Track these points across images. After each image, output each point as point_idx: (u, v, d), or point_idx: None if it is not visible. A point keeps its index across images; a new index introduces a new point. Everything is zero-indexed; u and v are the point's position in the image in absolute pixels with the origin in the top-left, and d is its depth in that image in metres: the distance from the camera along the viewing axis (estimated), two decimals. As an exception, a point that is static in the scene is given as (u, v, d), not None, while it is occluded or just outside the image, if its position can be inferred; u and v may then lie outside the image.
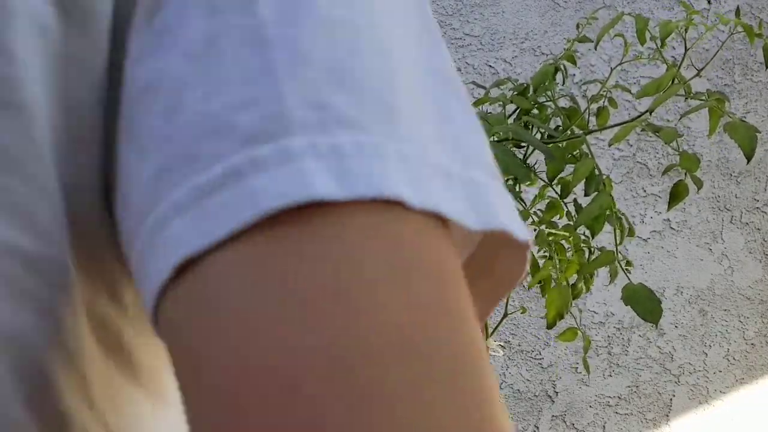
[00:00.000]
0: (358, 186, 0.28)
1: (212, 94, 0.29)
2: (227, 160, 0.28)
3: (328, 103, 0.29)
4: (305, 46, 0.29)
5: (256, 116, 0.29)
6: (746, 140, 0.92)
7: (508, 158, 1.01)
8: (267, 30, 0.30)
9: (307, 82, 0.29)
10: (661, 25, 1.03)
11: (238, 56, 0.29)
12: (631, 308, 0.95)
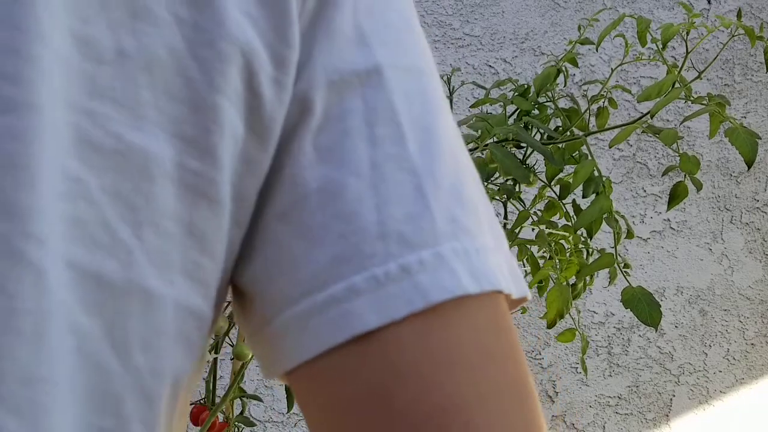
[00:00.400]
0: (485, 283, 0.39)
1: (382, 207, 0.39)
2: (399, 259, 0.39)
3: (455, 217, 0.40)
4: (439, 175, 0.40)
5: (418, 228, 0.39)
6: (747, 146, 0.92)
7: (508, 159, 1.00)
8: (415, 161, 0.40)
9: (443, 202, 0.40)
10: (663, 28, 1.03)
11: (398, 180, 0.40)
12: (631, 311, 0.95)
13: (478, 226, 0.41)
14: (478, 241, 0.40)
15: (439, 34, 2.26)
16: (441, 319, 0.38)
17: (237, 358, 1.00)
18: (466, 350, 0.39)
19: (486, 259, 0.40)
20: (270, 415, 2.27)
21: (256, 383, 2.26)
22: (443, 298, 0.38)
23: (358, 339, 0.38)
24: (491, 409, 0.38)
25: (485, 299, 0.40)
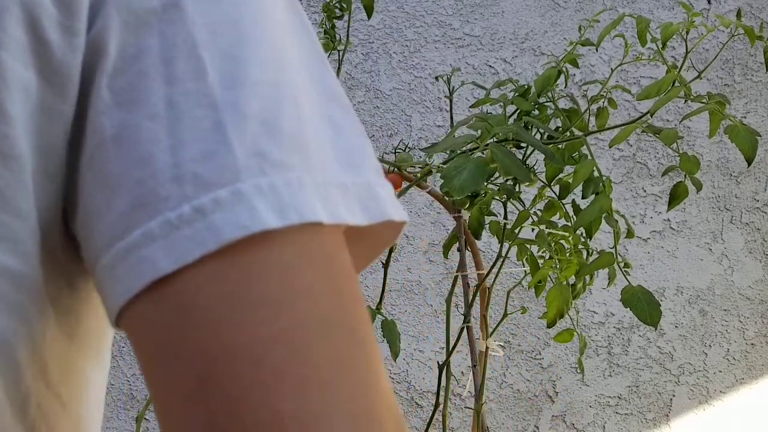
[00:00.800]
0: (292, 216, 0.38)
1: (177, 148, 0.38)
2: (193, 200, 0.38)
3: (263, 151, 0.39)
4: (244, 106, 0.39)
5: (214, 166, 0.38)
6: (747, 144, 0.92)
7: (509, 158, 1.01)
8: (215, 94, 0.39)
9: (247, 135, 0.38)
10: (662, 27, 1.03)
11: (195, 117, 0.38)
12: (631, 311, 0.95)
13: (299, 158, 0.39)
14: (293, 175, 0.39)
15: (439, 34, 2.26)
16: (239, 258, 0.37)
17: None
18: (266, 288, 0.37)
19: (300, 191, 0.38)
20: (270, 415, 2.27)
21: (256, 383, 2.26)
22: (238, 236, 0.37)
23: (155, 285, 0.37)
24: (292, 346, 0.36)
25: (295, 233, 0.38)
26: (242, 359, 0.36)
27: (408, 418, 2.30)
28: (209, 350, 0.36)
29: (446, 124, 2.24)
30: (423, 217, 2.27)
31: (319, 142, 0.41)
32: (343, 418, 0.37)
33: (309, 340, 0.37)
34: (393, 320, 1.21)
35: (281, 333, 0.37)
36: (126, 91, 0.39)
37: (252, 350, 0.36)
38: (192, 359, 0.37)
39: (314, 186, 0.39)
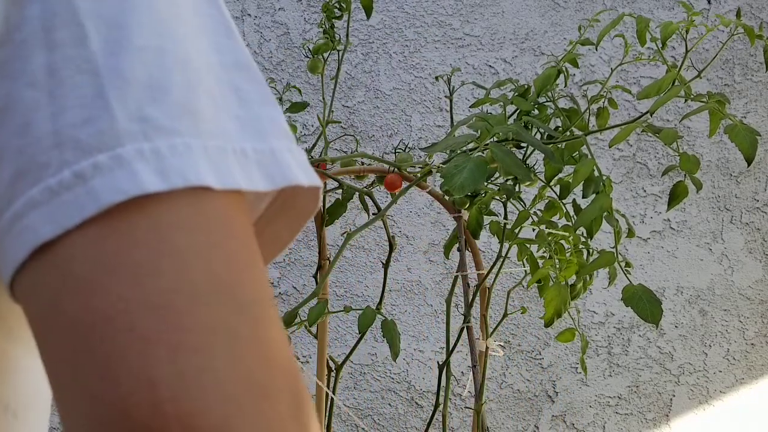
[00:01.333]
0: (175, 179, 0.38)
1: (57, 115, 0.38)
2: (74, 166, 0.37)
3: (147, 116, 0.38)
4: (127, 72, 0.39)
5: (95, 131, 0.38)
6: (747, 143, 0.92)
7: (509, 158, 1.00)
8: (97, 60, 0.39)
9: (130, 100, 0.38)
10: (662, 26, 1.02)
11: (76, 83, 0.38)
12: (632, 309, 0.95)
13: (187, 124, 0.39)
14: (179, 140, 0.38)
15: (439, 34, 2.26)
16: (118, 222, 0.37)
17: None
18: (144, 253, 0.37)
19: (186, 156, 0.38)
20: (270, 415, 2.27)
21: (256, 383, 2.26)
22: (117, 200, 0.37)
23: (38, 254, 0.37)
24: (168, 312, 0.36)
25: (179, 198, 0.38)
26: (115, 326, 0.36)
27: (408, 418, 2.30)
28: (83, 318, 0.36)
29: (446, 124, 2.24)
30: (423, 217, 2.27)
31: (216, 110, 0.41)
32: (221, 384, 0.36)
33: (186, 306, 0.36)
34: (393, 320, 1.21)
35: (156, 298, 0.36)
36: (9, 62, 0.39)
37: (125, 316, 0.36)
38: (67, 328, 0.37)
39: (203, 151, 0.39)
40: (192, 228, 0.38)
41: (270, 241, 0.50)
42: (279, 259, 2.25)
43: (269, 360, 0.38)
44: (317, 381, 1.32)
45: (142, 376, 0.35)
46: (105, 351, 0.36)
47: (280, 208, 0.48)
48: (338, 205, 1.32)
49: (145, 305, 0.36)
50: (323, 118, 1.31)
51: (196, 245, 0.38)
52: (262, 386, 0.37)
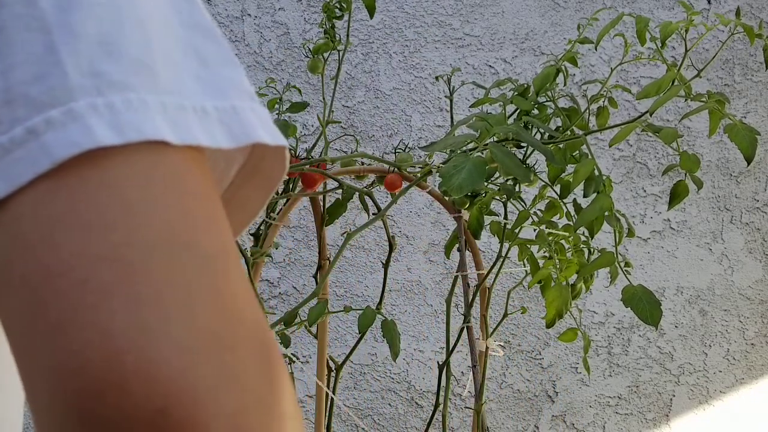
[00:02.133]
0: (130, 133, 0.37)
1: (7, 72, 0.38)
2: (25, 122, 0.37)
3: (101, 71, 0.38)
4: (78, 28, 0.38)
5: (46, 87, 0.37)
6: (746, 143, 0.92)
7: (508, 159, 1.00)
8: (47, 17, 0.38)
9: (82, 56, 0.38)
10: (662, 26, 1.03)
11: (26, 41, 0.38)
12: (631, 310, 0.95)
13: (143, 80, 0.39)
14: (134, 95, 0.38)
15: (439, 34, 2.26)
16: (72, 177, 0.37)
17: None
18: (97, 207, 0.37)
19: (141, 111, 0.38)
20: (270, 415, 2.27)
21: (256, 383, 2.26)
22: (71, 154, 0.37)
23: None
24: (121, 265, 0.36)
25: (134, 152, 0.38)
26: (67, 280, 0.36)
27: (408, 418, 2.30)
28: (35, 275, 0.36)
29: (446, 124, 2.24)
30: (423, 217, 2.27)
31: (174, 68, 0.41)
32: (179, 335, 0.35)
33: (140, 259, 0.36)
34: (393, 320, 1.21)
35: (110, 252, 0.36)
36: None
37: (78, 270, 0.36)
38: (19, 287, 0.36)
39: (160, 107, 0.39)
40: (147, 182, 0.38)
41: (239, 208, 0.50)
42: (279, 259, 2.25)
43: (230, 312, 0.37)
44: (317, 381, 1.32)
45: (97, 329, 0.35)
46: (58, 306, 0.35)
47: (249, 173, 0.48)
48: (338, 205, 1.32)
49: (97, 259, 0.36)
50: (323, 118, 1.31)
51: (151, 199, 0.37)
52: (223, 338, 0.36)
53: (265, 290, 2.24)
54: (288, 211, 1.29)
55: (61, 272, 0.36)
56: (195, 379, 0.35)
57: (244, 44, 2.24)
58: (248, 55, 2.24)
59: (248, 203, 0.50)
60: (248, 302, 0.39)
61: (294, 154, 1.27)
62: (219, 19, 2.24)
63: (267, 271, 2.24)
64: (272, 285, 2.25)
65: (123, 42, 0.39)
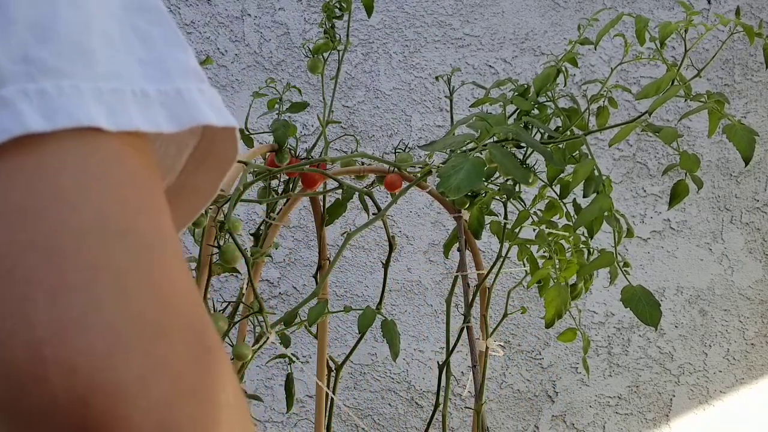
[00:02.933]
0: (61, 120, 0.37)
1: None
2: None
3: (33, 58, 0.37)
4: (12, 13, 0.37)
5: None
6: (745, 143, 0.92)
7: (508, 160, 1.00)
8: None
9: (14, 42, 0.37)
10: (661, 26, 1.03)
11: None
12: (631, 311, 0.95)
13: (77, 65, 0.38)
14: (67, 81, 0.38)
15: (439, 34, 2.26)
16: (4, 164, 0.37)
17: (237, 358, 1.00)
18: (27, 194, 0.36)
19: (74, 97, 0.38)
20: (270, 415, 2.27)
21: (256, 383, 2.26)
22: (0, 140, 0.36)
23: None
24: (49, 253, 0.35)
25: (66, 139, 0.37)
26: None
27: (408, 418, 2.30)
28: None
29: (446, 124, 2.24)
30: (423, 217, 2.27)
31: (114, 52, 0.40)
32: (106, 323, 0.35)
33: (71, 246, 0.36)
34: (393, 320, 1.21)
35: (39, 239, 0.36)
36: None
37: (5, 259, 0.35)
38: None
39: (95, 92, 0.38)
40: (80, 169, 0.37)
41: (193, 193, 0.50)
42: (279, 259, 2.25)
43: (165, 300, 0.37)
44: (317, 381, 1.32)
45: (21, 319, 0.34)
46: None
47: (201, 157, 0.48)
48: (338, 205, 1.32)
49: (26, 247, 0.35)
50: (323, 118, 1.31)
51: (84, 186, 0.37)
52: (156, 326, 0.36)
53: (265, 290, 2.24)
54: (288, 211, 1.29)
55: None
56: (121, 368, 0.34)
57: (244, 44, 2.24)
58: (248, 55, 2.24)
59: (202, 187, 0.50)
60: (186, 291, 0.38)
61: (294, 154, 1.27)
62: (219, 19, 2.24)
63: (267, 271, 2.24)
64: (272, 285, 2.25)
65: (58, 26, 0.38)
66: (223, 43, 2.23)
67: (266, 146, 1.22)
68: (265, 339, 0.99)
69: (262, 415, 2.26)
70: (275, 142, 1.24)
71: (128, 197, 0.38)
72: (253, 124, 2.04)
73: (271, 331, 0.99)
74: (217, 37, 2.24)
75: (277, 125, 1.24)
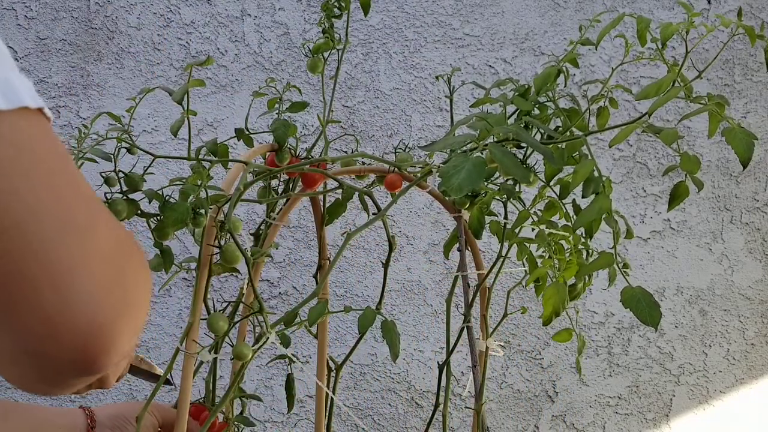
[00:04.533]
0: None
1: None
2: None
3: None
4: None
5: None
6: (743, 146, 0.92)
7: (508, 159, 1.00)
8: None
9: None
10: (662, 28, 1.02)
11: None
12: (631, 311, 0.94)
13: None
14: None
15: (439, 34, 2.26)
16: None
17: (237, 358, 1.00)
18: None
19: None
20: (270, 415, 2.27)
21: (256, 383, 2.26)
22: None
23: None
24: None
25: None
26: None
27: (408, 418, 2.30)
28: None
29: (446, 124, 2.24)
30: (423, 217, 2.27)
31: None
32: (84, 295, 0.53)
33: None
34: (393, 320, 1.21)
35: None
36: None
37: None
38: None
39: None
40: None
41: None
42: (279, 259, 2.25)
43: (78, 201, 0.54)
44: (317, 381, 1.32)
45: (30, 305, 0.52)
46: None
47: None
48: (338, 204, 1.32)
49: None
50: (323, 118, 1.31)
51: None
52: (75, 216, 0.54)
53: (265, 290, 2.24)
54: (288, 211, 1.29)
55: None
56: (100, 307, 0.53)
57: (244, 44, 2.24)
58: (248, 55, 2.24)
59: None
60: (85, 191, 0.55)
61: (294, 153, 1.27)
62: (219, 19, 2.24)
63: (267, 271, 2.24)
64: (272, 285, 2.25)
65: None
66: (223, 43, 2.23)
67: (266, 146, 1.22)
68: (265, 339, 0.98)
69: (262, 415, 2.26)
70: (275, 142, 1.23)
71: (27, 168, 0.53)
72: (253, 124, 2.04)
73: (271, 331, 0.99)
74: (217, 37, 2.24)
75: (277, 125, 1.24)
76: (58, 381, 0.55)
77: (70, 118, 2.21)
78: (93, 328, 0.52)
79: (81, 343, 0.52)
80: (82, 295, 0.52)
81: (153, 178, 1.11)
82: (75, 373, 0.54)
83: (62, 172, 0.54)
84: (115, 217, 0.61)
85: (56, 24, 2.21)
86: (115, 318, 0.53)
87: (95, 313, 0.52)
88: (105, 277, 0.53)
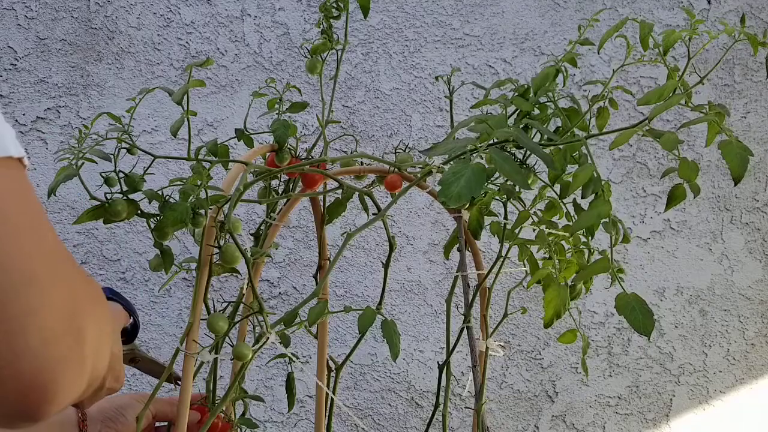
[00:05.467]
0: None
1: None
2: None
3: None
4: None
5: None
6: (737, 162, 0.91)
7: (507, 164, 1.00)
8: None
9: None
10: (665, 35, 1.02)
11: None
12: (624, 318, 0.94)
13: None
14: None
15: (439, 34, 2.26)
16: None
17: (237, 358, 1.00)
18: None
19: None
20: (270, 415, 2.27)
21: (256, 383, 2.26)
22: None
23: None
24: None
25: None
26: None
27: (408, 418, 2.30)
28: None
29: (446, 124, 2.24)
30: (423, 217, 2.27)
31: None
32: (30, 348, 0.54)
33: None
34: (393, 320, 1.21)
35: None
36: None
37: None
38: None
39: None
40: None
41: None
42: (279, 259, 2.25)
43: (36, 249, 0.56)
44: (317, 381, 1.32)
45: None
46: None
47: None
48: (338, 205, 1.32)
49: None
50: (323, 118, 1.31)
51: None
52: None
53: (265, 290, 2.24)
54: (288, 211, 1.29)
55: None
56: (49, 358, 0.55)
57: (244, 44, 2.24)
58: (248, 55, 2.24)
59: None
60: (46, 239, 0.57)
61: (294, 154, 1.27)
62: (219, 19, 2.24)
63: (267, 271, 2.24)
64: (272, 285, 2.25)
65: None
66: (223, 43, 2.23)
67: (266, 146, 1.22)
68: (265, 339, 0.98)
69: (262, 415, 2.26)
70: (275, 142, 1.24)
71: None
72: (253, 124, 2.04)
73: (271, 331, 0.99)
74: (217, 37, 2.24)
75: (277, 125, 1.24)
76: (3, 424, 0.56)
77: (70, 118, 2.21)
78: (37, 379, 0.54)
79: (23, 393, 0.54)
80: (30, 346, 0.53)
81: (153, 178, 1.11)
82: (18, 419, 0.55)
83: (29, 228, 0.55)
84: (80, 268, 0.62)
85: (56, 24, 2.21)
86: (63, 369, 0.55)
87: (41, 365, 0.54)
88: (55, 329, 0.54)
